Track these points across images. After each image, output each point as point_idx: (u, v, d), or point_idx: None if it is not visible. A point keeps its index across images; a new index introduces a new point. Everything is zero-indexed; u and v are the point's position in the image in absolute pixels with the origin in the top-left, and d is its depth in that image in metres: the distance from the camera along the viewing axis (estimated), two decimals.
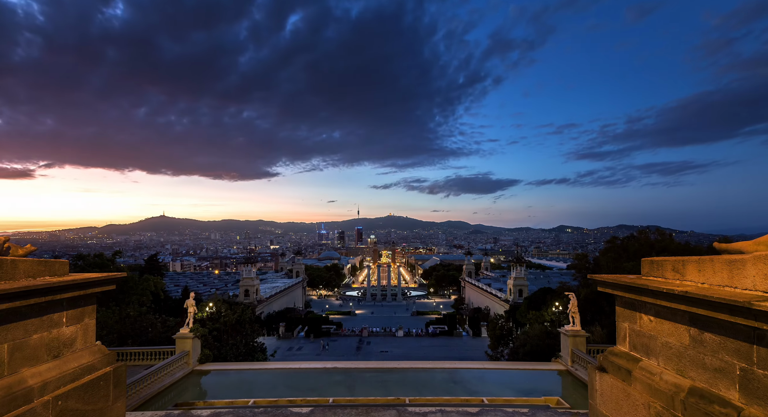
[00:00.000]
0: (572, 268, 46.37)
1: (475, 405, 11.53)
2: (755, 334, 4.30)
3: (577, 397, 16.12)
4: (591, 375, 7.07)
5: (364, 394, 15.94)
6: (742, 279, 4.69)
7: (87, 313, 7.06)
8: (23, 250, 6.57)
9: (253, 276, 66.38)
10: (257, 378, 19.43)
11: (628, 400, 6.01)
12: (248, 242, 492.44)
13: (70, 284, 6.34)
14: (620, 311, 6.73)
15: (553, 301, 42.21)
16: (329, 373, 19.46)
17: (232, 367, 21.22)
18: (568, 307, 21.53)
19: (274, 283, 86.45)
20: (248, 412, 9.26)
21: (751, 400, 4.37)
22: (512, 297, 63.92)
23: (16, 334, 5.73)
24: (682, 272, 5.69)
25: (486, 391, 17.06)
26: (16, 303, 5.51)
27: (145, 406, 15.14)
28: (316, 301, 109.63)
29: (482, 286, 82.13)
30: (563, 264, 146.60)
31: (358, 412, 9.20)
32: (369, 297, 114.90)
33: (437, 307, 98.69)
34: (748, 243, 5.04)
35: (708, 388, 4.91)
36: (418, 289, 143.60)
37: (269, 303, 69.64)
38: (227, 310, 34.96)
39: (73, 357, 6.62)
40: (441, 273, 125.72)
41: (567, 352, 20.06)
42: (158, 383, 17.13)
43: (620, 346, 6.76)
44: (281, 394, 16.14)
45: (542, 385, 18.27)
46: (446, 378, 18.94)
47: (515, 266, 67.61)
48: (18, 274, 6.00)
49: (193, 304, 22.19)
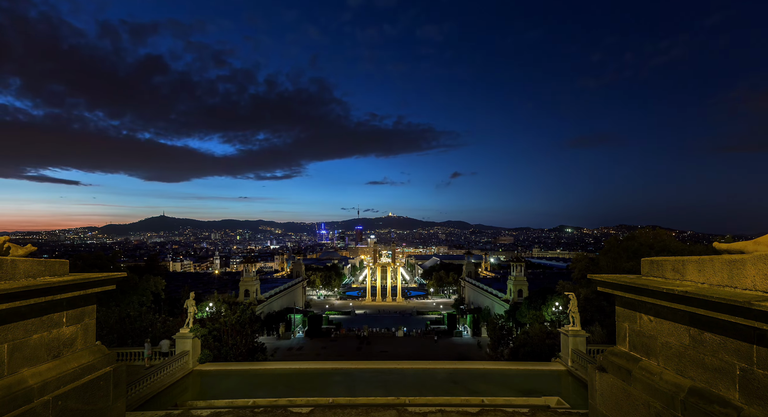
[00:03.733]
0: (572, 267, 46.29)
1: (475, 405, 11.53)
2: (755, 334, 4.30)
3: (577, 397, 16.13)
4: (591, 375, 7.07)
5: (364, 394, 15.96)
6: (742, 279, 4.69)
7: (87, 313, 7.07)
8: (23, 250, 6.57)
9: (253, 276, 66.32)
10: (257, 378, 19.43)
11: (628, 400, 6.01)
12: (248, 242, 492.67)
13: (70, 284, 6.34)
14: (620, 311, 6.73)
15: (553, 301, 42.24)
16: (329, 373, 19.48)
17: (232, 367, 21.22)
18: (568, 307, 21.53)
19: (274, 283, 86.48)
20: (248, 412, 9.26)
21: (751, 400, 4.37)
22: (512, 297, 63.88)
23: (16, 334, 5.73)
24: (682, 272, 5.70)
25: (486, 391, 17.07)
26: (16, 303, 5.51)
27: (145, 406, 15.14)
28: (317, 301, 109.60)
29: (482, 286, 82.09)
30: (563, 264, 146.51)
31: (358, 412, 9.20)
32: (369, 297, 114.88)
33: (437, 307, 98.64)
34: (748, 243, 5.04)
35: (708, 388, 4.91)
36: (418, 289, 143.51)
37: (269, 303, 69.58)
38: (227, 310, 35.00)
39: (73, 357, 6.62)
40: (441, 273, 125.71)
41: (567, 352, 20.05)
42: (158, 383, 17.14)
43: (620, 346, 6.76)
44: (281, 394, 16.15)
45: (542, 385, 18.28)
46: (446, 378, 18.94)
47: (515, 266, 67.50)
48: (18, 274, 6.00)
49: (193, 304, 22.20)
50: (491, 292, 74.63)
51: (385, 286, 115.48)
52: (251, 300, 62.76)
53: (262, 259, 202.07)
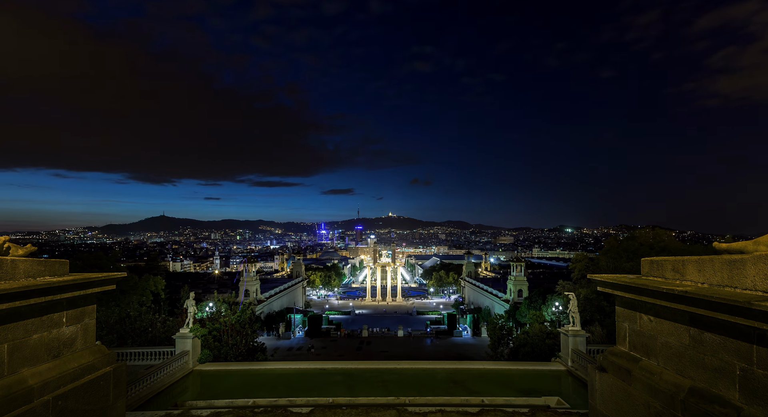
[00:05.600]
0: (572, 267, 46.29)
1: (475, 405, 11.53)
2: (755, 334, 4.30)
3: (577, 397, 16.12)
4: (591, 375, 7.07)
5: (364, 394, 15.95)
6: (742, 279, 4.69)
7: (87, 313, 7.07)
8: (23, 250, 6.57)
9: (253, 276, 66.31)
10: (257, 378, 19.42)
11: (628, 399, 6.01)
12: (248, 242, 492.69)
13: (70, 284, 6.34)
14: (620, 311, 6.73)
15: (553, 301, 42.24)
16: (329, 373, 19.47)
17: (232, 367, 21.21)
18: (568, 307, 21.55)
19: (274, 283, 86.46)
20: (248, 412, 9.26)
21: (751, 399, 4.37)
22: (512, 297, 63.88)
23: (16, 334, 5.73)
24: (682, 272, 5.70)
25: (486, 391, 17.06)
26: (16, 303, 5.51)
27: (146, 406, 15.14)
28: (317, 301, 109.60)
29: (482, 286, 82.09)
30: (563, 264, 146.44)
31: (358, 412, 9.20)
32: (369, 297, 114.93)
33: (437, 307, 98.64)
34: (748, 243, 5.04)
35: (708, 387, 4.91)
36: (418, 289, 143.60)
37: (269, 303, 69.55)
38: (227, 310, 35.00)
39: (73, 357, 6.62)
40: (441, 273, 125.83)
41: (567, 352, 20.05)
42: (158, 383, 17.14)
43: (620, 346, 6.76)
44: (281, 394, 16.13)
45: (542, 385, 18.27)
46: (446, 378, 18.93)
47: (515, 266, 67.47)
48: (18, 274, 6.00)
49: (193, 304, 22.20)
50: (491, 292, 74.63)
51: (385, 286, 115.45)
52: (251, 300, 62.76)
53: (262, 259, 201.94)
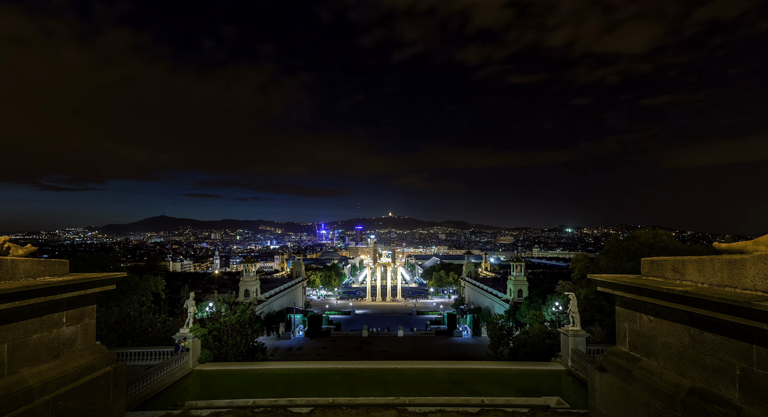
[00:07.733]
0: (572, 267, 46.30)
1: (475, 405, 11.53)
2: (755, 334, 4.30)
3: (577, 397, 16.13)
4: (591, 375, 7.07)
5: (364, 394, 15.94)
6: (742, 279, 4.70)
7: (87, 313, 7.07)
8: (23, 250, 6.57)
9: (253, 276, 66.29)
10: (257, 378, 19.42)
11: (628, 400, 6.01)
12: (248, 242, 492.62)
13: (70, 284, 6.34)
14: (620, 311, 6.74)
15: (553, 301, 42.23)
16: (329, 373, 19.47)
17: (232, 367, 21.21)
18: (568, 307, 21.55)
19: (274, 283, 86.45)
20: (248, 412, 9.26)
21: (751, 400, 4.37)
22: (512, 297, 63.89)
23: (16, 334, 5.73)
24: (682, 272, 5.70)
25: (486, 391, 17.07)
26: (16, 303, 5.51)
27: (145, 406, 15.14)
28: (317, 301, 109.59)
29: (482, 285, 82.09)
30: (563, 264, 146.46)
31: (358, 412, 9.20)
32: (369, 297, 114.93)
33: (437, 307, 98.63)
34: (748, 243, 5.04)
35: (708, 387, 4.91)
36: (418, 289, 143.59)
37: (269, 303, 69.54)
38: (227, 310, 34.97)
39: (73, 357, 6.62)
40: (441, 273, 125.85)
41: (567, 352, 20.06)
42: (158, 383, 17.14)
43: (620, 346, 6.76)
44: (281, 394, 16.13)
45: (542, 385, 18.27)
46: (446, 378, 18.94)
47: (515, 266, 67.46)
48: (18, 274, 6.00)
49: (193, 304, 22.21)
50: (491, 292, 74.65)
51: (385, 286, 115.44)
52: (251, 300, 62.77)
53: (262, 259, 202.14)
